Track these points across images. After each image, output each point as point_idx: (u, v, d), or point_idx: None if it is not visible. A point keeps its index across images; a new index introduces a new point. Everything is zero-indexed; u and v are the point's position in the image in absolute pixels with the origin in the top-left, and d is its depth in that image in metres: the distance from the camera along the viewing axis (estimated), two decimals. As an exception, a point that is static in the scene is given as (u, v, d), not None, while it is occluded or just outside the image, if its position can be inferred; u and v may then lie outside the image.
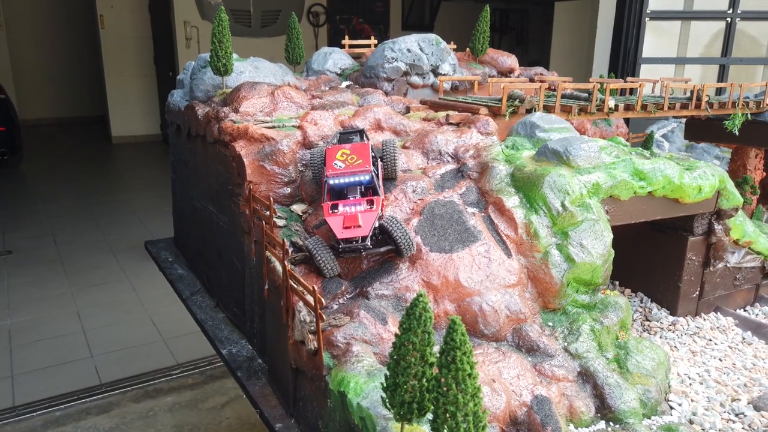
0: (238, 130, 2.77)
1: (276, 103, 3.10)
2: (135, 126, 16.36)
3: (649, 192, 2.77)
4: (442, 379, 1.45)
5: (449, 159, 2.93)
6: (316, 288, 2.03)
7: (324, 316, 2.18)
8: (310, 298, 2.10)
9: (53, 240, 10.52)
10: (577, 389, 2.27)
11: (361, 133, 2.78)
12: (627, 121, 8.99)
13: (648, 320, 3.15)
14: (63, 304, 8.29)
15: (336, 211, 2.31)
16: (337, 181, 2.39)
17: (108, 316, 8.01)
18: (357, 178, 2.39)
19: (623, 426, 2.21)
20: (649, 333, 3.06)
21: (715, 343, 3.01)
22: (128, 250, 10.01)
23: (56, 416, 6.22)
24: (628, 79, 3.87)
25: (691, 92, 3.94)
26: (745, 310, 3.37)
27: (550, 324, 2.46)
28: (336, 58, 4.16)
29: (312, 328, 2.18)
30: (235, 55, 3.50)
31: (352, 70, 4.16)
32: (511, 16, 18.11)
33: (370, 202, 2.33)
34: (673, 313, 3.17)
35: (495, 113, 3.31)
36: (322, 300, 2.06)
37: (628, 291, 3.36)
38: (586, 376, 2.31)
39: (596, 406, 2.26)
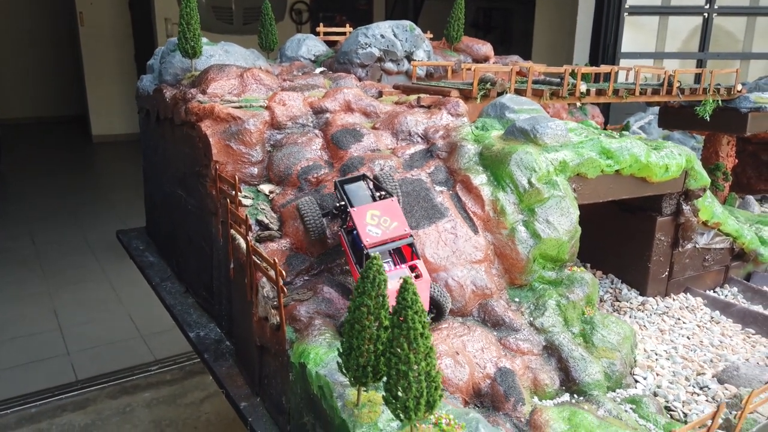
0: (204, 110, 2.74)
1: (245, 85, 3.08)
2: (116, 125, 16.19)
3: (617, 171, 2.78)
4: (394, 340, 1.44)
5: (419, 140, 2.92)
6: (277, 260, 2.01)
7: (287, 290, 2.16)
8: (273, 273, 2.08)
9: (31, 240, 10.38)
10: (542, 362, 2.27)
11: (365, 178, 2.36)
12: (606, 113, 9.08)
13: (618, 301, 3.16)
14: (40, 303, 8.17)
15: None
16: (377, 251, 2.08)
17: (86, 314, 7.90)
18: (399, 245, 2.13)
19: (587, 398, 2.21)
20: (619, 313, 3.07)
21: (684, 322, 3.03)
22: (108, 248, 9.88)
23: (31, 413, 6.12)
24: (602, 66, 3.89)
25: (663, 78, 3.97)
26: (714, 292, 3.40)
27: (517, 299, 2.46)
28: (310, 45, 4.14)
29: (275, 303, 2.16)
30: (205, 40, 3.47)
31: (326, 56, 4.14)
32: (494, 15, 18.17)
33: (413, 269, 2.08)
34: (642, 294, 3.19)
35: (467, 96, 3.31)
36: (283, 273, 2.04)
37: (599, 273, 3.37)
38: (551, 349, 2.31)
39: (561, 379, 2.26)
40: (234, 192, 2.45)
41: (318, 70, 3.96)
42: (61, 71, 17.81)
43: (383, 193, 2.27)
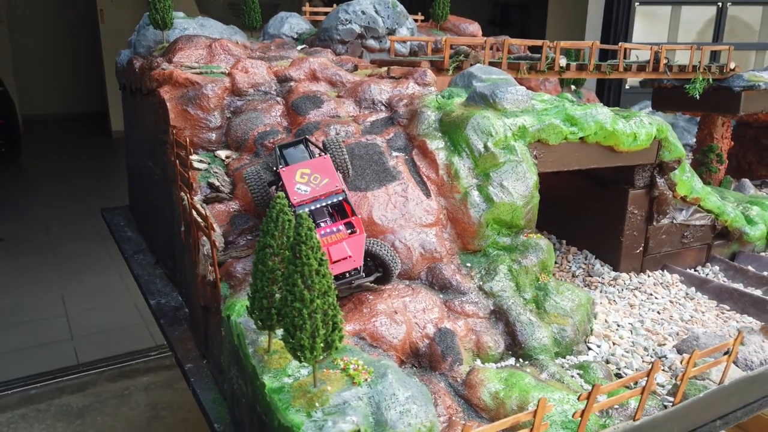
0: (163, 75, 2.75)
1: (213, 55, 3.08)
2: (135, 121, 16.44)
3: (581, 138, 2.71)
4: (289, 277, 1.41)
5: (382, 108, 2.89)
6: (209, 214, 2.00)
7: (227, 248, 2.15)
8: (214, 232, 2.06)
9: (46, 229, 10.59)
10: (488, 326, 2.21)
11: (306, 141, 2.37)
12: (617, 101, 8.89)
13: (590, 276, 3.08)
14: (48, 289, 8.33)
15: None
16: (306, 210, 2.04)
17: (92, 301, 8.03)
18: (330, 201, 2.08)
19: (532, 362, 2.15)
20: (589, 288, 2.99)
21: (656, 298, 2.93)
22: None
23: (31, 394, 6.23)
24: (582, 42, 3.79)
25: (650, 55, 3.87)
26: (696, 270, 3.29)
27: (468, 264, 2.40)
28: (293, 23, 4.13)
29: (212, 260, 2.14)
30: (181, 14, 3.49)
31: (309, 34, 4.13)
32: (511, 11, 18.03)
33: (350, 225, 2.04)
34: (616, 269, 3.10)
35: (438, 68, 3.26)
36: (215, 227, 2.02)
37: (573, 249, 3.29)
38: (498, 313, 2.26)
39: (507, 343, 2.21)
40: (184, 154, 2.44)
41: (299, 47, 3.95)
42: (82, 69, 18.17)
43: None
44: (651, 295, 2.95)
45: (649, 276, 3.12)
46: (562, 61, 3.52)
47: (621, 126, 2.74)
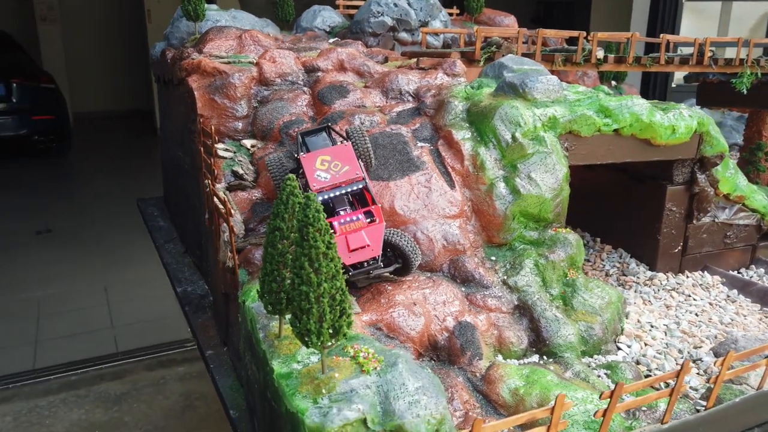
0: (192, 64, 2.76)
1: (243, 46, 3.09)
2: (179, 118, 16.81)
3: (615, 130, 2.60)
4: (297, 260, 1.38)
5: (410, 99, 2.84)
6: (230, 200, 1.99)
7: (245, 234, 2.14)
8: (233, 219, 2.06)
9: (92, 221, 10.91)
10: (511, 321, 2.14)
11: (328, 129, 2.34)
12: (663, 97, 8.58)
13: (624, 275, 2.96)
14: (92, 279, 8.56)
15: (333, 231, 1.97)
16: (326, 196, 2.01)
17: (133, 291, 8.21)
18: (350, 189, 2.04)
19: (557, 360, 2.07)
20: (623, 287, 2.87)
21: (695, 299, 2.80)
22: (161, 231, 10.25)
23: (72, 380, 6.40)
24: (621, 33, 3.65)
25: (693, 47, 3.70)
26: (739, 272, 3.13)
27: (493, 258, 2.33)
28: (326, 16, 4.12)
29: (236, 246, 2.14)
30: (214, 6, 3.52)
31: (341, 27, 4.11)
32: (555, 10, 17.70)
33: (369, 214, 1.99)
34: (652, 269, 2.97)
35: (470, 59, 3.19)
36: (231, 211, 2.01)
37: (608, 247, 3.17)
38: (523, 309, 2.18)
39: (531, 340, 2.13)
40: (210, 142, 2.45)
41: (331, 40, 3.94)
42: (130, 68, 18.69)
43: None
44: (689, 296, 2.81)
45: (687, 277, 2.98)
46: (599, 53, 3.40)
47: (658, 118, 2.62)
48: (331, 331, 1.39)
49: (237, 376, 2.18)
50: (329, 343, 1.41)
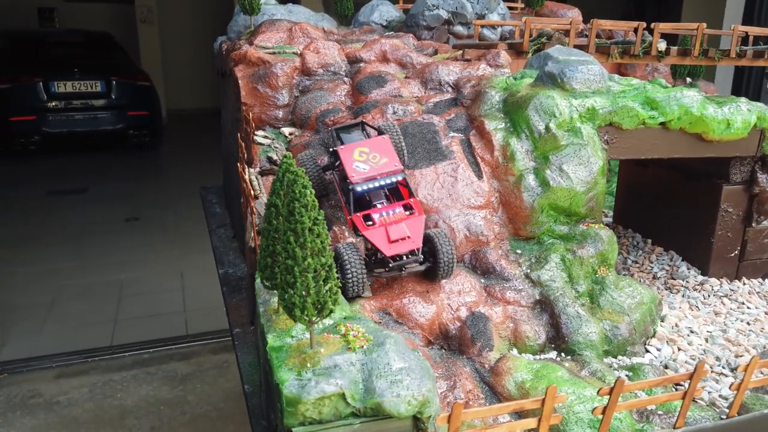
0: (239, 55, 2.87)
1: (293, 38, 3.17)
2: (263, 116, 17.43)
3: (662, 123, 2.46)
4: (283, 234, 1.41)
5: (449, 89, 2.82)
6: (260, 183, 2.05)
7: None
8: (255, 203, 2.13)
9: (174, 211, 11.54)
10: (530, 315, 2.08)
11: (362, 124, 2.33)
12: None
13: (673, 279, 2.79)
14: (170, 265, 9.06)
15: (372, 223, 1.94)
16: (365, 188, 2.00)
17: (206, 278, 8.61)
18: (388, 180, 2.02)
19: (575, 357, 1.99)
20: (670, 291, 2.71)
21: (748, 307, 2.60)
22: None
23: (144, 358, 6.81)
24: (687, 24, 3.45)
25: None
26: (807, 282, 2.87)
27: (519, 251, 2.27)
28: (383, 11, 4.15)
29: (257, 228, 2.21)
30: (273, 1, 3.63)
31: (398, 22, 4.13)
32: (647, 5, 16.88)
33: (408, 207, 2.00)
34: (704, 273, 2.78)
35: (518, 50, 3.13)
36: (258, 193, 2.07)
37: (659, 249, 3.01)
38: (544, 304, 2.11)
39: (550, 336, 2.06)
40: (248, 128, 2.54)
41: (386, 34, 3.96)
42: (220, 66, 19.53)
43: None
44: (743, 303, 2.62)
45: (744, 284, 2.77)
46: (661, 45, 3.23)
47: (711, 111, 2.46)
48: (318, 306, 1.41)
49: (257, 354, 2.25)
50: (315, 318, 1.43)
